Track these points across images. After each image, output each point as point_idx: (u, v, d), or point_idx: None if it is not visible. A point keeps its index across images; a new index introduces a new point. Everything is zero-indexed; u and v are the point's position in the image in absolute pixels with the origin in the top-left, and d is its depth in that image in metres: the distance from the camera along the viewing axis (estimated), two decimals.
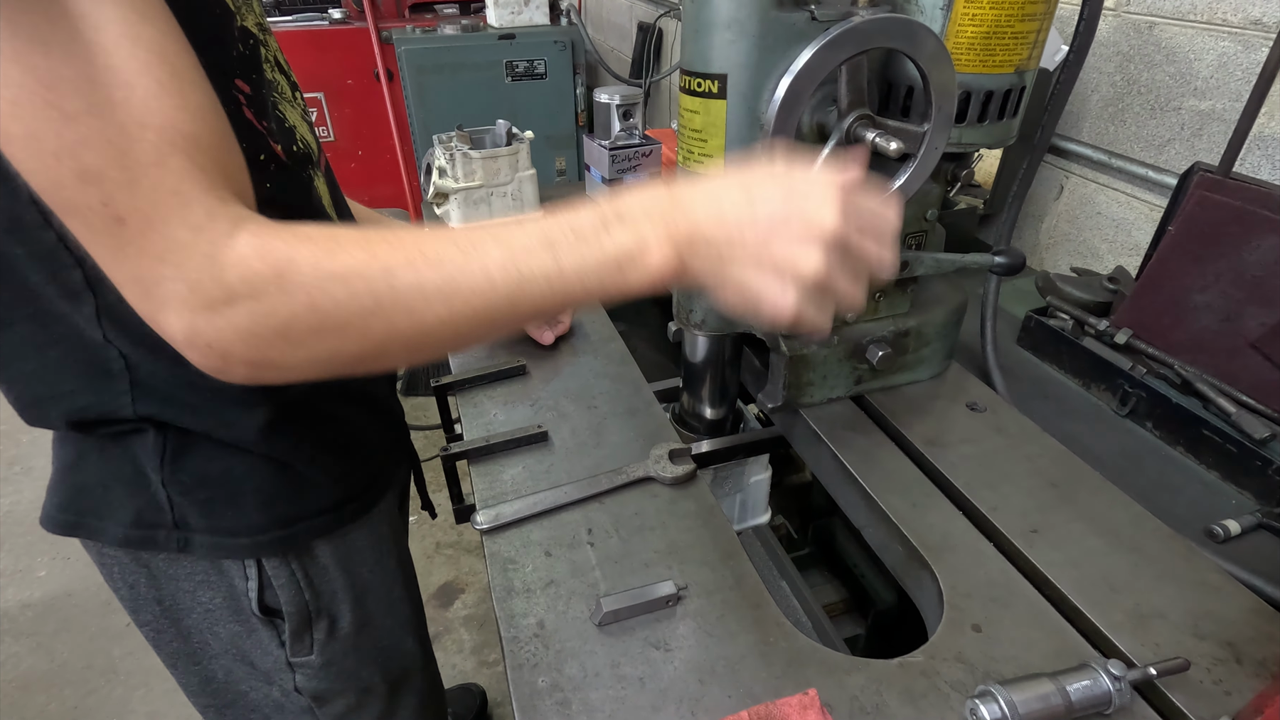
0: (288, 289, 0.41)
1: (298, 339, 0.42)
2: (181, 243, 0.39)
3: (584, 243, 0.45)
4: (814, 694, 0.55)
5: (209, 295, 0.40)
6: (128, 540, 0.61)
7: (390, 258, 0.43)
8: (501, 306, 0.45)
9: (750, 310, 0.48)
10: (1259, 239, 0.81)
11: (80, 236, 0.39)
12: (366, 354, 0.44)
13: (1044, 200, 1.32)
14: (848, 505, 0.81)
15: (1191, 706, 0.54)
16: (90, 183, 0.37)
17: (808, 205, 0.46)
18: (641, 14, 2.91)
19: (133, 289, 0.41)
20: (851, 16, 0.63)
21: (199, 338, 0.41)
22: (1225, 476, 0.80)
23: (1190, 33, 1.04)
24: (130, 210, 0.38)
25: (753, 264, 0.46)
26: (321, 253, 0.42)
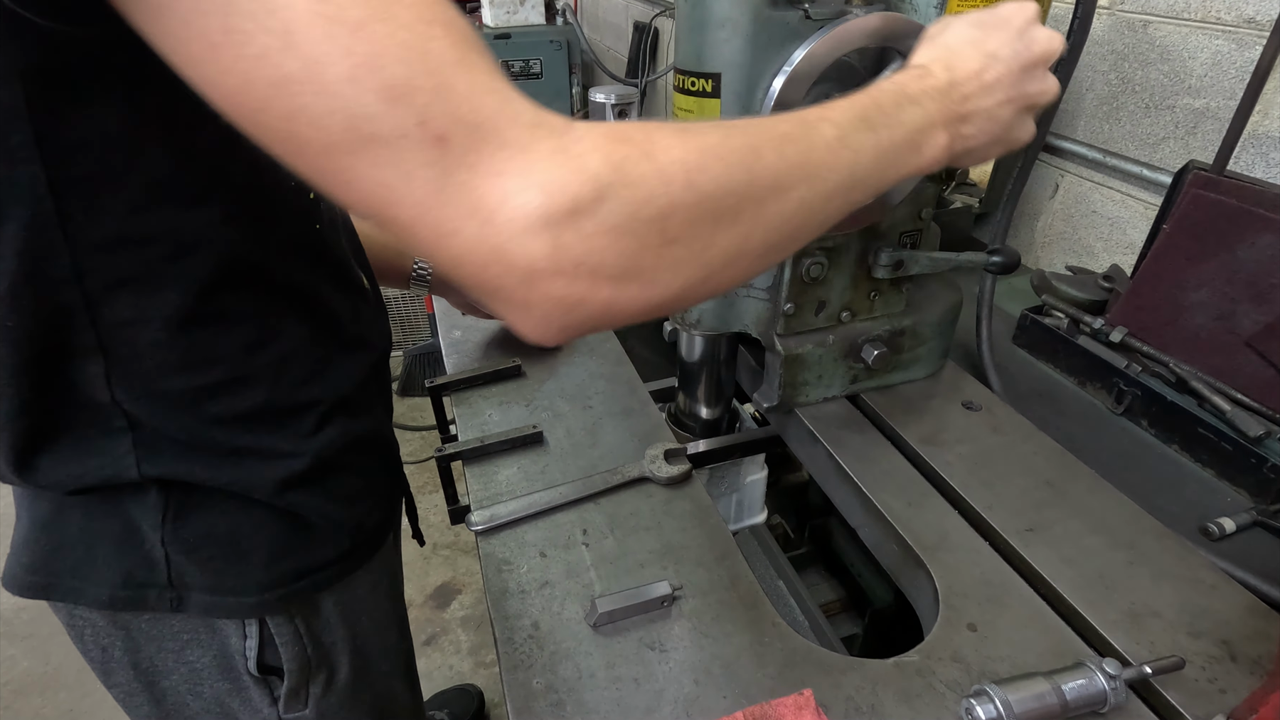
0: (662, 168, 0.34)
1: (676, 231, 0.35)
2: (522, 142, 0.32)
3: (891, 120, 0.45)
4: (809, 694, 0.55)
5: (573, 194, 0.32)
6: (112, 602, 0.56)
7: (745, 134, 0.38)
8: (844, 184, 0.43)
9: (1005, 149, 0.53)
10: (1253, 237, 0.81)
11: (379, 188, 0.31)
12: (734, 250, 0.38)
13: (1039, 199, 1.32)
14: (844, 505, 0.81)
15: (1187, 705, 0.54)
16: (400, 101, 0.30)
17: (1036, 38, 0.52)
18: (637, 13, 2.91)
19: (465, 229, 0.32)
20: (845, 15, 0.63)
21: (568, 254, 0.32)
22: (1220, 474, 0.80)
23: (1184, 31, 1.04)
24: (452, 123, 0.31)
25: (1009, 112, 0.51)
26: (676, 133, 0.36)
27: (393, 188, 0.31)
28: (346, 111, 0.30)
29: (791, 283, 0.77)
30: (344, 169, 0.31)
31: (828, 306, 0.81)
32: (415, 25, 0.30)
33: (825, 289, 0.80)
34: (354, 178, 0.31)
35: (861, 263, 0.79)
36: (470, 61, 0.32)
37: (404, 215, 0.32)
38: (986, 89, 0.50)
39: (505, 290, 0.34)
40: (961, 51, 0.51)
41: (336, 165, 0.31)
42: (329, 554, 0.62)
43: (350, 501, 0.63)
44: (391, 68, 0.30)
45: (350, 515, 0.63)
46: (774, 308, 0.80)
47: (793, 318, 0.80)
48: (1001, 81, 0.50)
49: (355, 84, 0.29)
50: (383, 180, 0.31)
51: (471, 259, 0.33)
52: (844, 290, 0.81)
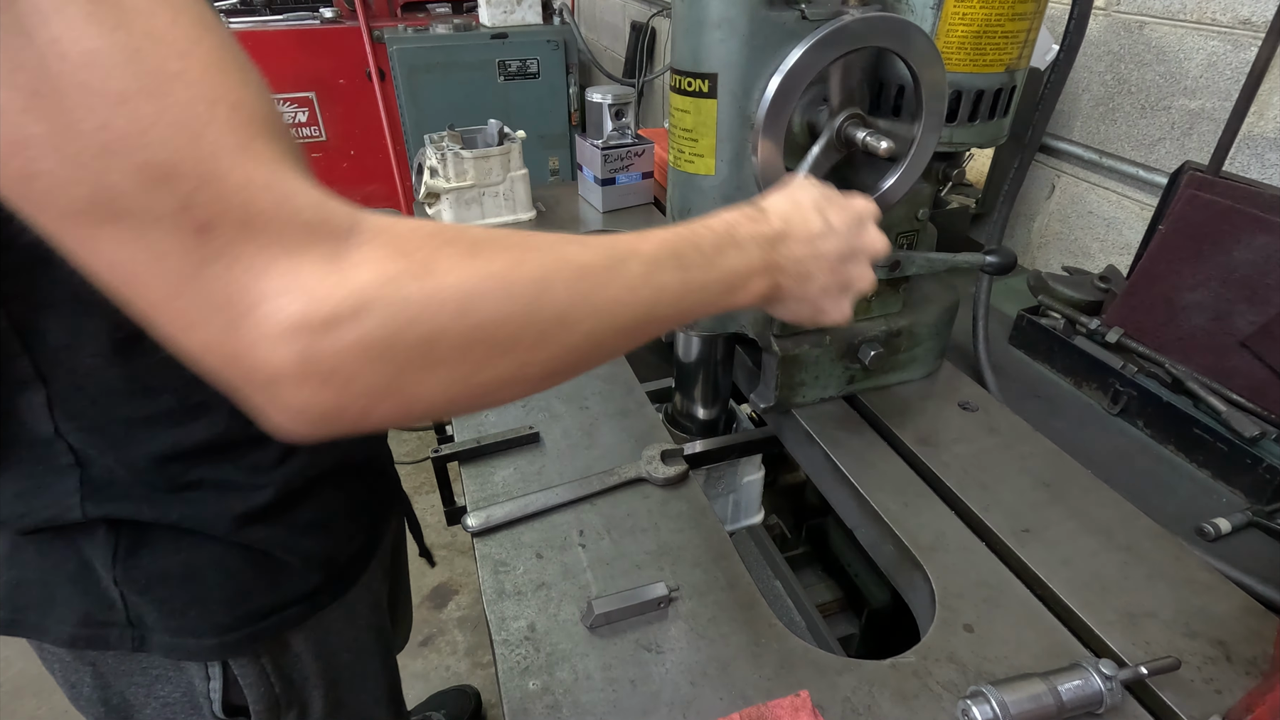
0: (436, 290, 0.32)
1: (441, 355, 0.33)
2: (291, 247, 0.30)
3: (706, 262, 0.45)
4: (806, 695, 0.55)
5: (335, 306, 0.30)
6: (74, 640, 0.54)
7: (539, 262, 0.37)
8: (639, 321, 0.42)
9: (811, 319, 0.56)
10: (1248, 238, 0.81)
11: (122, 266, 0.29)
12: (508, 376, 0.37)
13: (1035, 199, 1.33)
14: (840, 505, 0.81)
15: (1182, 705, 0.54)
16: (161, 184, 0.27)
17: (867, 233, 0.56)
18: (634, 13, 2.91)
19: (211, 324, 0.30)
20: (842, 15, 0.63)
21: (318, 365, 0.30)
22: (1216, 475, 0.80)
23: (1180, 32, 1.04)
24: (218, 213, 0.28)
25: (830, 284, 0.54)
26: (465, 252, 0.34)
27: (137, 269, 0.29)
28: (93, 184, 0.27)
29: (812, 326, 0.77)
30: (85, 239, 0.29)
31: None
32: (193, 105, 0.28)
33: None
34: (95, 250, 0.29)
35: None
36: (254, 150, 0.30)
37: (145, 298, 0.30)
38: (813, 252, 0.52)
39: (245, 391, 0.32)
40: (805, 212, 0.53)
41: (76, 234, 0.29)
42: (297, 590, 0.59)
43: (320, 533, 0.60)
44: (154, 149, 0.27)
45: (321, 548, 0.60)
46: None
47: None
48: (828, 252, 0.53)
49: (107, 159, 0.27)
50: (127, 259, 0.29)
51: (213, 355, 0.31)
52: None
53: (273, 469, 0.56)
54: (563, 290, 0.37)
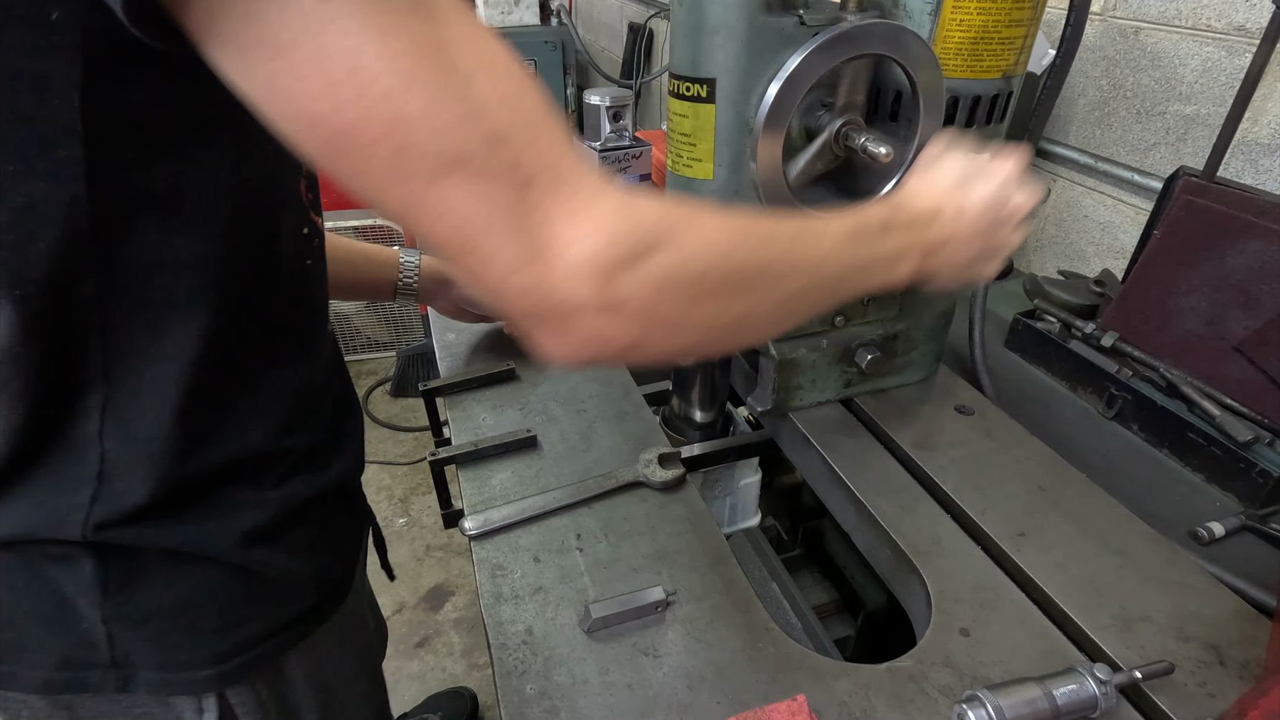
0: (705, 236, 0.40)
1: (704, 292, 0.40)
2: (591, 194, 0.36)
3: (875, 241, 0.52)
4: (802, 700, 0.55)
5: (631, 243, 0.37)
6: (48, 685, 0.52)
7: (770, 227, 0.45)
8: (833, 281, 0.50)
9: (962, 283, 0.60)
10: (1243, 243, 0.81)
11: (469, 220, 0.35)
12: (745, 318, 0.44)
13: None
14: (837, 508, 0.81)
15: (1176, 709, 0.54)
16: (500, 144, 0.34)
17: (1012, 194, 0.59)
18: (632, 14, 2.91)
19: (531, 266, 0.35)
20: (840, 22, 0.63)
21: (615, 293, 0.36)
22: (1210, 479, 0.81)
23: (1175, 38, 1.04)
24: (538, 168, 0.35)
25: (978, 253, 0.58)
26: (715, 210, 0.42)
27: (481, 221, 0.35)
28: (456, 149, 0.33)
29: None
30: (440, 200, 0.34)
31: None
32: (512, 85, 0.35)
33: None
34: (447, 210, 0.34)
35: None
36: (552, 122, 0.37)
37: (484, 247, 0.35)
38: (957, 234, 0.57)
39: (552, 320, 0.38)
40: (949, 192, 0.57)
41: (436, 197, 0.34)
42: (292, 611, 0.59)
43: (313, 553, 0.60)
44: (495, 115, 0.34)
45: (314, 568, 0.60)
46: None
47: None
48: (973, 231, 0.57)
49: (466, 126, 0.33)
50: (474, 212, 0.34)
51: (532, 292, 0.36)
52: None
53: (275, 487, 0.55)
54: (788, 244, 0.46)
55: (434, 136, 0.33)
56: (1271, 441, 0.78)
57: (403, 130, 0.32)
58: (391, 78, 0.31)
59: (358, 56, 0.31)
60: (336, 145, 0.33)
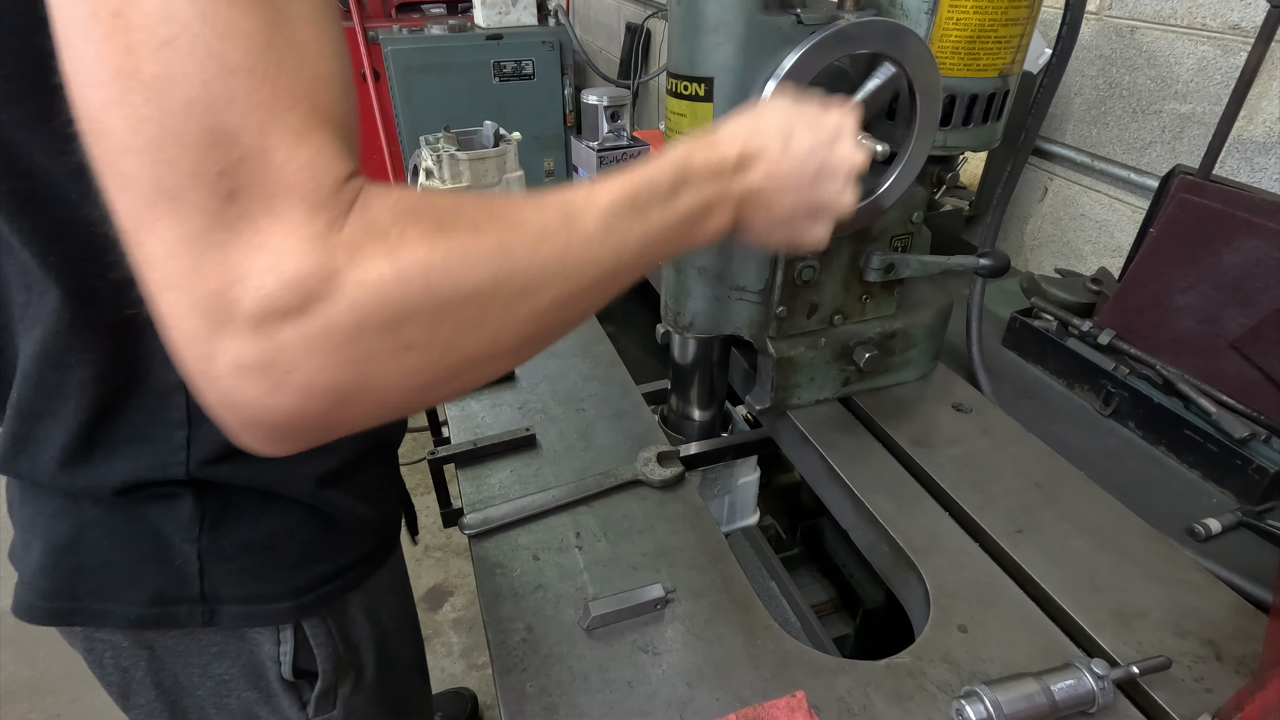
0: (402, 269, 0.32)
1: (409, 339, 0.33)
2: (295, 221, 0.30)
3: (663, 204, 0.45)
4: (801, 696, 0.55)
5: (313, 287, 0.30)
6: (141, 621, 0.55)
7: (502, 231, 0.37)
8: (605, 275, 0.42)
9: (787, 244, 0.55)
10: (1238, 241, 0.82)
11: (146, 216, 0.30)
12: (481, 352, 0.37)
13: (1028, 202, 1.33)
14: (835, 506, 0.81)
15: (1173, 704, 0.55)
16: (218, 146, 0.29)
17: (840, 149, 0.53)
18: (629, 15, 2.91)
19: (198, 294, 0.30)
20: (837, 20, 0.63)
21: (285, 355, 0.30)
22: (1206, 475, 0.81)
23: (1171, 37, 1.05)
24: (249, 185, 0.30)
25: (800, 209, 0.53)
26: (432, 228, 0.34)
27: (162, 220, 0.30)
28: (164, 132, 0.29)
29: (783, 286, 0.78)
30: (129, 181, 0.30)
31: (819, 309, 0.82)
32: (284, 97, 0.30)
33: (817, 292, 0.80)
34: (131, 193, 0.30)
35: (853, 266, 0.80)
36: (310, 141, 0.31)
37: (147, 245, 0.30)
38: (773, 179, 0.51)
39: (192, 374, 0.31)
40: (766, 137, 0.51)
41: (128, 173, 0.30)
42: (356, 553, 0.63)
43: (373, 500, 0.64)
44: (230, 115, 0.29)
45: (374, 514, 0.64)
46: (766, 311, 0.81)
47: (785, 320, 0.80)
48: (794, 176, 0.52)
49: (190, 113, 0.29)
50: (153, 211, 0.30)
51: (182, 323, 0.30)
52: (835, 293, 0.81)
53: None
54: (524, 256, 0.37)
55: (146, 105, 0.28)
56: (1268, 438, 0.78)
57: (119, 89, 0.29)
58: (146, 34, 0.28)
59: None
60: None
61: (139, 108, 0.28)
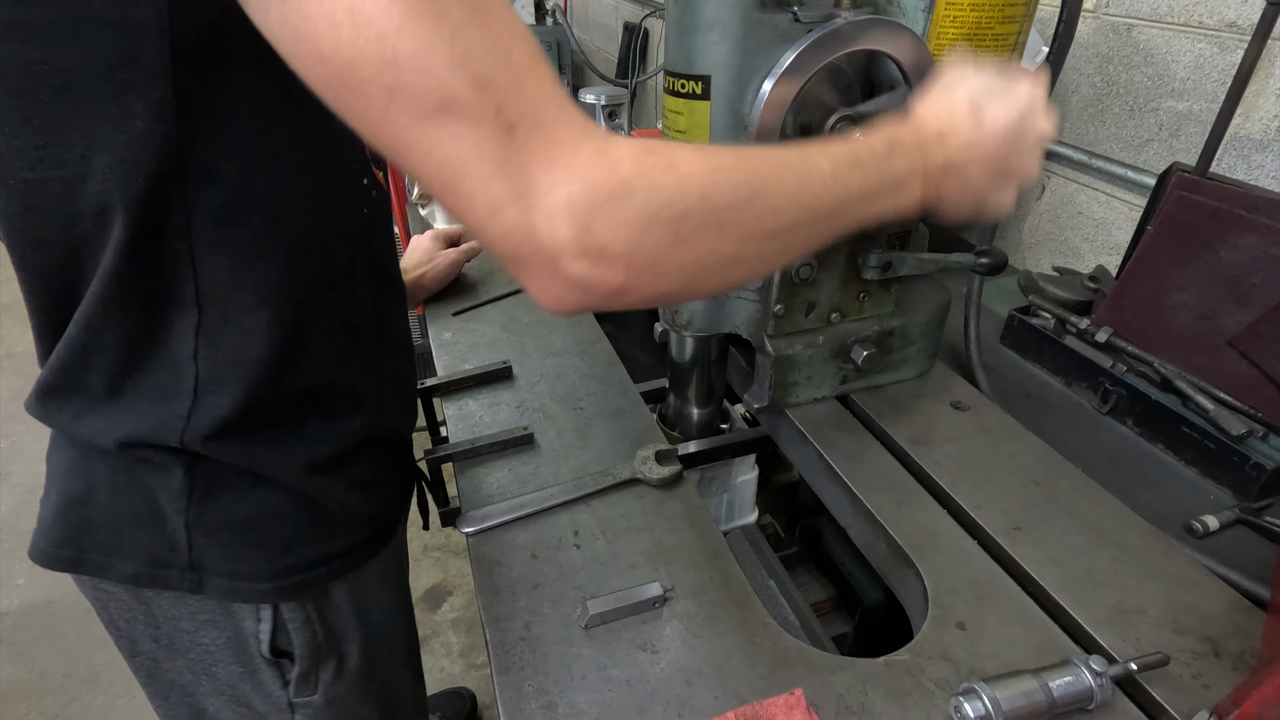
0: (682, 179, 0.40)
1: (686, 234, 0.41)
2: (571, 142, 0.38)
3: (879, 164, 0.50)
4: (800, 694, 0.55)
5: (606, 190, 0.38)
6: (136, 578, 0.58)
7: (752, 159, 0.44)
8: (830, 213, 0.48)
9: (973, 212, 0.57)
10: (1235, 238, 0.82)
11: (452, 160, 0.37)
12: (733, 256, 0.44)
13: (1026, 200, 1.34)
14: (833, 504, 0.81)
15: (1171, 700, 0.55)
16: (485, 90, 0.36)
17: (1031, 118, 0.55)
18: (627, 14, 2.91)
19: (512, 208, 0.37)
20: (834, 18, 0.63)
21: (594, 238, 0.38)
22: (1204, 472, 0.81)
23: (1168, 35, 1.05)
24: (521, 115, 0.37)
25: (991, 179, 0.56)
26: (697, 150, 0.42)
27: (464, 161, 0.36)
28: (442, 91, 0.35)
29: (781, 284, 0.78)
30: (426, 140, 0.36)
31: (817, 307, 0.82)
32: (502, 34, 0.37)
33: (814, 290, 0.80)
34: (433, 149, 0.36)
35: (850, 264, 0.80)
36: (540, 71, 0.38)
37: (467, 186, 0.37)
38: (970, 156, 0.54)
39: (536, 263, 0.39)
40: (960, 114, 0.54)
41: (422, 136, 0.36)
42: (344, 543, 0.64)
43: (366, 492, 0.65)
44: (480, 62, 0.35)
45: (366, 505, 0.65)
46: (764, 309, 0.81)
47: (782, 319, 0.80)
48: (988, 154, 0.55)
49: (452, 70, 0.35)
50: (457, 153, 0.36)
51: (514, 234, 0.38)
52: (833, 291, 0.81)
53: (341, 421, 0.61)
54: (773, 179, 0.44)
55: (421, 78, 0.34)
56: (1265, 435, 0.78)
57: (393, 70, 0.34)
58: (385, 20, 0.33)
59: (355, 1, 0.33)
60: (337, 82, 0.36)
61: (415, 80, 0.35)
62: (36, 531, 0.59)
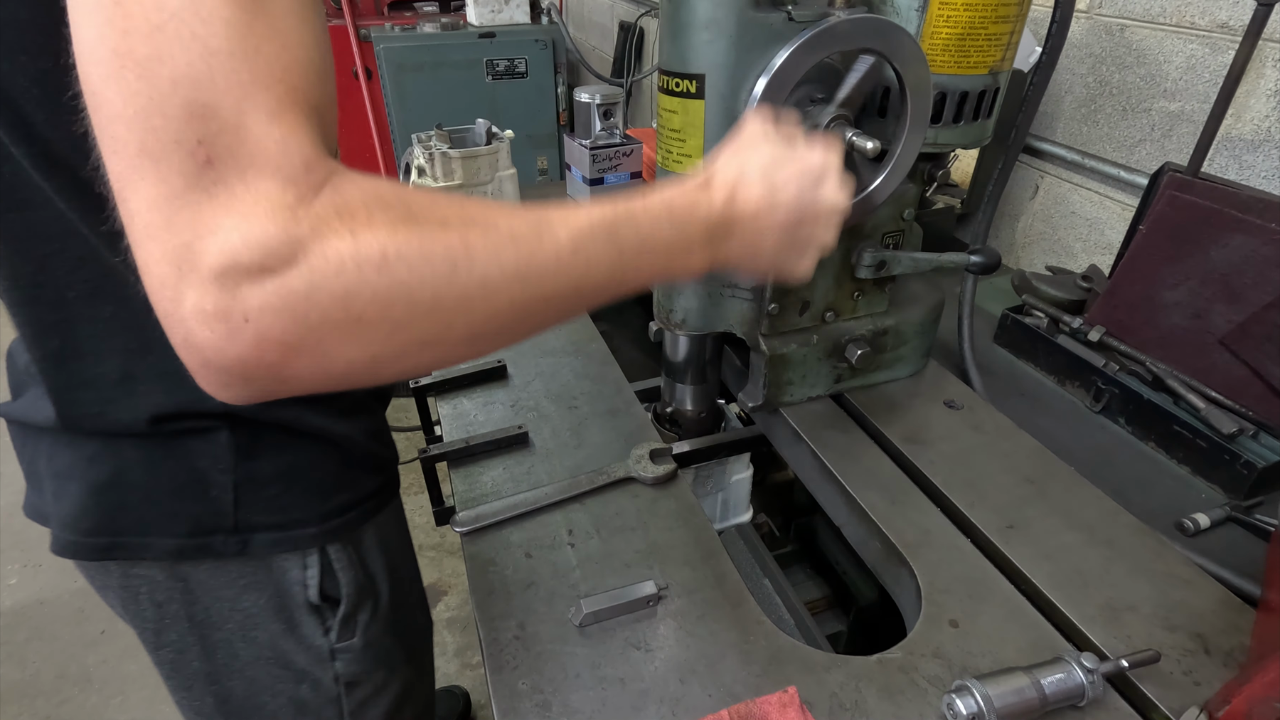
0: (360, 248, 0.35)
1: (359, 312, 0.35)
2: (265, 192, 0.34)
3: (642, 237, 0.47)
4: (793, 691, 0.55)
5: (266, 250, 0.33)
6: (179, 552, 0.58)
7: (468, 231, 0.39)
8: (567, 292, 0.44)
9: (770, 277, 0.56)
10: (1226, 238, 0.82)
11: (131, 175, 0.33)
12: (431, 336, 0.39)
13: (1020, 199, 1.34)
14: (828, 503, 0.81)
15: (1162, 697, 0.55)
16: (197, 118, 0.33)
17: (822, 189, 0.54)
18: (623, 13, 2.91)
19: (170, 245, 0.33)
20: (828, 17, 0.63)
21: (241, 307, 0.33)
22: (1195, 471, 0.82)
23: (1160, 35, 1.05)
24: (225, 154, 0.33)
25: (783, 248, 0.55)
26: (400, 217, 0.37)
27: (144, 180, 0.33)
28: (149, 105, 0.32)
29: (775, 283, 0.78)
30: (118, 147, 0.33)
31: (811, 307, 0.82)
32: (261, 78, 0.34)
33: (809, 289, 0.80)
34: (120, 157, 0.34)
35: (845, 263, 0.80)
36: (284, 120, 0.34)
37: (131, 202, 0.34)
38: (759, 226, 0.52)
39: (164, 316, 0.34)
40: (751, 182, 0.52)
41: (118, 140, 0.33)
42: (371, 485, 0.66)
43: (377, 440, 0.67)
44: (209, 92, 0.33)
45: (381, 450, 0.68)
46: (758, 308, 0.81)
47: (777, 318, 0.81)
48: (776, 223, 0.53)
49: (175, 88, 0.32)
50: (136, 173, 0.33)
51: (161, 275, 0.33)
52: (827, 290, 0.82)
53: None
54: (486, 257, 0.39)
55: (136, 80, 0.32)
56: (1255, 433, 0.79)
57: (119, 64, 0.32)
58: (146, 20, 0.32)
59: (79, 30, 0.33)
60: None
61: (131, 83, 0.32)
62: (59, 526, 0.58)
